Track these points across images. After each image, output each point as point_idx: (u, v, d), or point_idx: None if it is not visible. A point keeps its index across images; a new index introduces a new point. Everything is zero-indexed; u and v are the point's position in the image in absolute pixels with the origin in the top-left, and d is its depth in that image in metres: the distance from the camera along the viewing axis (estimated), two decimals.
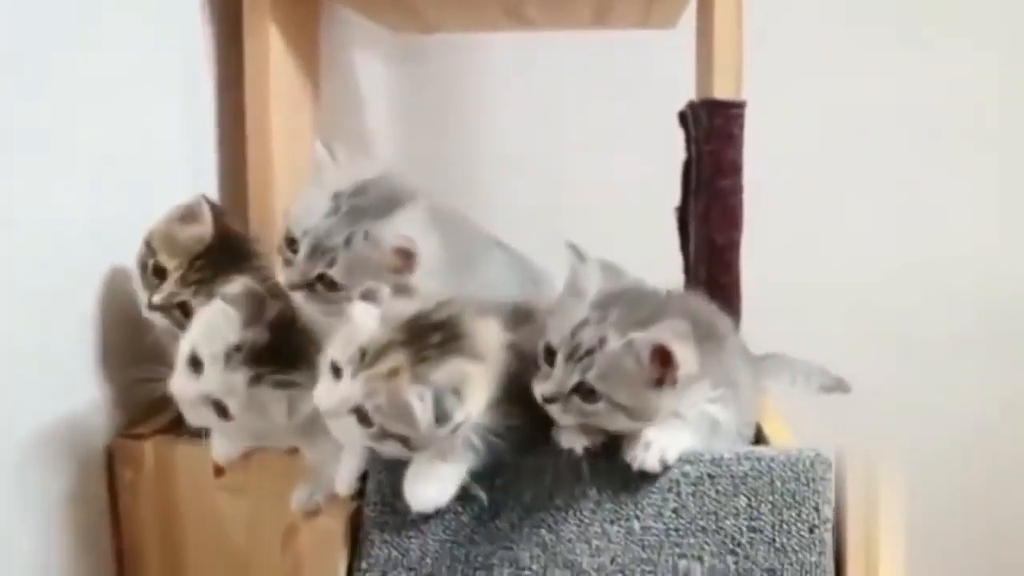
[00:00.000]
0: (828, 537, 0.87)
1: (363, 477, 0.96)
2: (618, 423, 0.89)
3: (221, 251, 1.11)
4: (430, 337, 0.86)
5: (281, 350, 0.96)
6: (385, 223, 0.97)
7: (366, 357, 0.84)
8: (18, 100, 0.95)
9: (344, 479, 0.96)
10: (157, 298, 1.08)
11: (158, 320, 1.09)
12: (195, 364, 0.95)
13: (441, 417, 0.83)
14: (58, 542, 1.02)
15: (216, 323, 0.96)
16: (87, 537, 1.05)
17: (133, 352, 1.12)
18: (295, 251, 0.97)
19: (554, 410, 0.89)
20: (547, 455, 0.93)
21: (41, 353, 1.00)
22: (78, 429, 1.05)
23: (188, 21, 1.29)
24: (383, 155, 1.66)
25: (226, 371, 0.94)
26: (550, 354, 0.89)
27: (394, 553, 0.91)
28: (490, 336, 0.90)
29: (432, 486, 0.90)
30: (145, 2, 1.19)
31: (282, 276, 0.98)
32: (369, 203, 0.98)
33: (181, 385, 0.95)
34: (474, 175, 1.68)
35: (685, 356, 0.85)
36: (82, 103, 1.06)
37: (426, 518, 0.92)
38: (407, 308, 0.88)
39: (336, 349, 0.87)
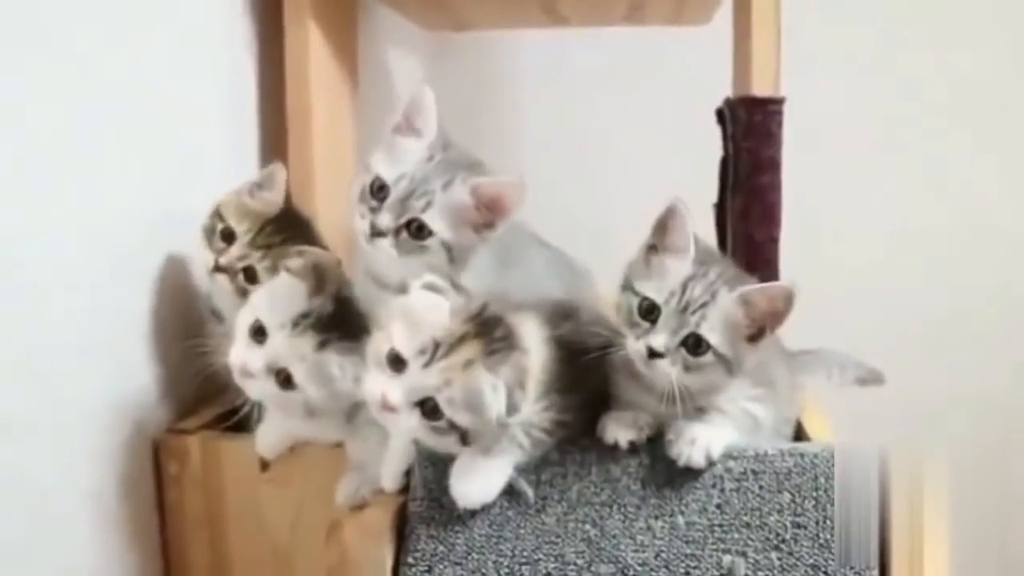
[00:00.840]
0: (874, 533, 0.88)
1: (408, 472, 0.96)
2: (711, 377, 0.90)
3: (288, 220, 1.12)
4: (496, 331, 0.86)
5: (344, 321, 0.97)
6: (481, 174, 0.98)
7: (440, 348, 0.84)
8: (62, 95, 0.96)
9: (390, 474, 0.96)
10: (225, 259, 1.09)
11: (221, 284, 1.10)
12: (258, 334, 0.95)
13: (511, 408, 0.84)
14: (109, 534, 1.03)
15: (281, 293, 0.97)
16: (136, 529, 1.07)
17: (183, 345, 1.13)
18: (382, 198, 0.96)
19: (660, 365, 0.89)
20: (592, 450, 0.94)
21: (91, 346, 1.01)
22: (128, 423, 1.06)
23: (228, 16, 1.30)
24: None
25: (293, 336, 0.94)
26: (650, 310, 0.90)
27: (440, 548, 0.92)
28: (531, 333, 0.91)
29: (479, 483, 0.91)
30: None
31: (362, 224, 0.97)
32: (459, 157, 0.99)
33: (243, 355, 0.95)
34: (506, 171, 1.68)
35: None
36: (124, 97, 1.06)
37: (472, 513, 0.92)
38: (467, 302, 0.88)
39: (399, 339, 0.85)
